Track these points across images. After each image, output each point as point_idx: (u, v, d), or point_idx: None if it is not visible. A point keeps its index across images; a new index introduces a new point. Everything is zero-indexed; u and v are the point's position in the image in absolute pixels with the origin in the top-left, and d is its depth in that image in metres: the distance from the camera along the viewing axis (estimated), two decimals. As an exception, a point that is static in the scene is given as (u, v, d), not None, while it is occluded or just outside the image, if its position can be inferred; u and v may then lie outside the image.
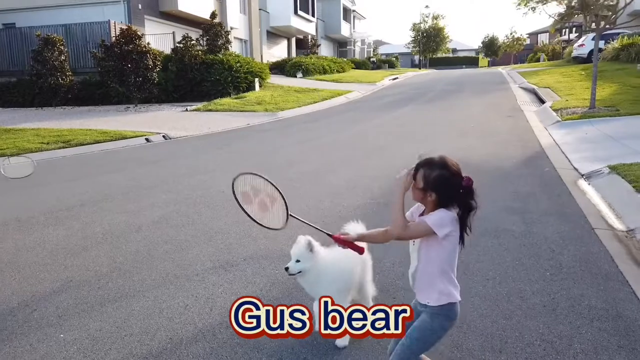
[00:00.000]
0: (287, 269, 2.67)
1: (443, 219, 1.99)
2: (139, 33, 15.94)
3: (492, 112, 13.08)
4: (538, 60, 40.72)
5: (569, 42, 38.66)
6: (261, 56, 30.47)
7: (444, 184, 1.99)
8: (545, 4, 11.27)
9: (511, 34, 53.62)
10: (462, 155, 8.06)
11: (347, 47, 47.26)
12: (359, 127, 11.79)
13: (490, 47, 59.06)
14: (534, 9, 12.24)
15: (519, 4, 12.72)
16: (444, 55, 58.25)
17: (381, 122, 12.34)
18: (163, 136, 11.64)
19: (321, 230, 2.47)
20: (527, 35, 57.57)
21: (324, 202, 5.71)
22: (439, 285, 2.05)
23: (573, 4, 12.25)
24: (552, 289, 3.39)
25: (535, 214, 4.99)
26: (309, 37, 38.80)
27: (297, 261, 2.66)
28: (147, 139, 11.36)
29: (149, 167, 8.43)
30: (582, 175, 6.45)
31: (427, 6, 61.98)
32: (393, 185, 2.11)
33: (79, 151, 10.20)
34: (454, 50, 67.74)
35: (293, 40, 38.24)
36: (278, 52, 35.17)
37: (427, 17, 50.69)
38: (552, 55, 40.28)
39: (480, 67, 56.40)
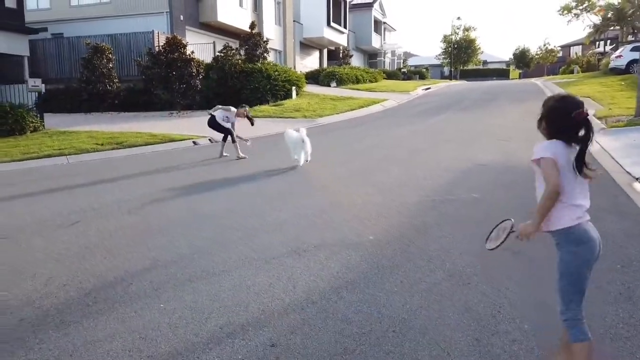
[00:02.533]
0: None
1: (540, 147, 2.13)
2: (183, 42, 16.53)
3: (532, 120, 12.92)
4: (572, 72, 39.95)
5: (604, 54, 37.91)
6: (294, 66, 30.98)
7: (552, 114, 2.15)
8: (589, 11, 11.22)
9: (544, 45, 52.85)
10: (509, 159, 8.13)
11: (377, 59, 47.49)
12: (398, 132, 11.93)
13: (522, 59, 58.30)
14: (577, 15, 12.18)
15: (563, 12, 12.67)
16: (474, 67, 57.83)
17: (420, 128, 12.44)
18: (209, 140, 12.03)
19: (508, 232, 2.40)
20: (559, 48, 56.68)
21: (376, 197, 5.87)
22: (552, 212, 2.16)
23: (609, 15, 12.19)
24: (626, 279, 3.45)
25: (596, 212, 5.02)
26: (340, 48, 39.27)
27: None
28: (194, 142, 11.78)
29: (202, 166, 8.76)
30: (637, 179, 6.43)
31: (459, 17, 61.92)
32: None
33: (132, 152, 10.66)
34: (484, 62, 67.16)
35: (325, 51, 38.74)
36: (310, 62, 35.70)
37: (458, 28, 50.60)
38: (587, 67, 39.53)
39: (511, 78, 55.77)
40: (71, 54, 21.97)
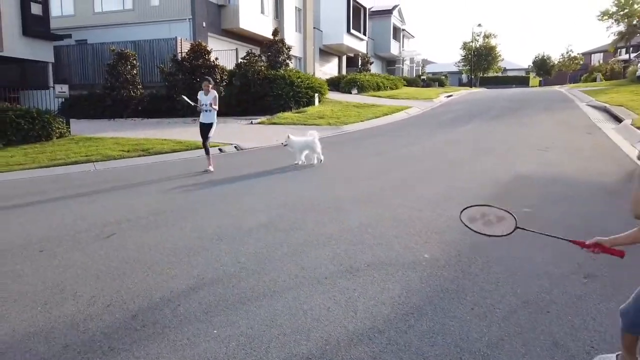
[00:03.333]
0: (282, 144, 8.80)
1: None
2: (208, 48, 16.46)
3: (567, 129, 12.57)
4: (594, 80, 39.17)
5: (628, 61, 37.04)
6: (313, 73, 30.87)
7: None
8: (631, 16, 10.79)
9: (567, 52, 51.97)
10: (552, 170, 7.76)
11: (396, 66, 47.19)
12: (430, 141, 11.60)
13: (542, 67, 57.45)
14: (618, 21, 11.76)
15: (602, 17, 12.26)
16: (494, 74, 57.15)
17: (451, 137, 12.09)
18: (235, 147, 11.86)
19: (562, 239, 2.40)
20: (581, 55, 55.74)
21: (424, 211, 5.56)
22: None
23: (635, 22, 11.76)
24: None
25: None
26: (360, 54, 39.09)
27: (285, 142, 8.65)
28: (220, 149, 11.60)
29: (231, 175, 8.54)
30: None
31: (479, 24, 61.12)
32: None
33: (158, 159, 10.52)
34: (504, 70, 66.45)
35: (344, 58, 38.59)
36: (329, 69, 35.56)
37: (478, 35, 50.03)
38: (610, 75, 38.70)
39: (531, 86, 54.96)
40: (95, 60, 22.17)
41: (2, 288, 3.57)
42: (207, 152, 8.89)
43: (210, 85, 8.79)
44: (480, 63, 50.03)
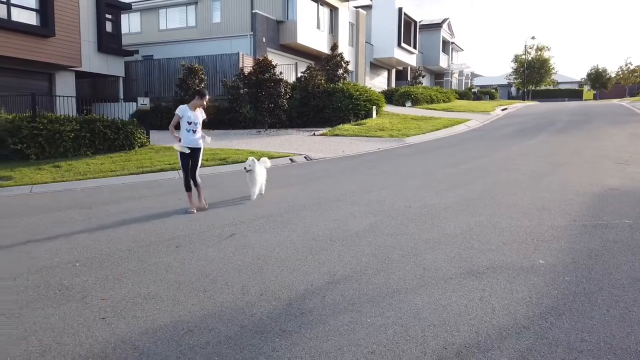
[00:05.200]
0: (245, 169, 7.07)
1: None
2: (273, 63, 17.11)
3: (642, 143, 12.26)
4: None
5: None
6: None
7: None
8: None
9: (626, 65, 50.05)
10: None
11: (444, 79, 46.96)
12: (500, 153, 11.59)
13: (598, 79, 55.51)
14: None
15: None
16: (545, 87, 55.72)
17: (521, 150, 12.04)
18: (305, 157, 12.27)
19: None
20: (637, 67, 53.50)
21: (521, 220, 5.67)
22: None
23: None
24: None
25: None
26: (409, 68, 39.19)
27: (249, 166, 7.02)
28: (291, 159, 12.04)
29: (315, 182, 8.89)
30: None
31: (533, 37, 59.80)
32: None
33: (236, 168, 11.03)
34: (556, 83, 64.66)
35: (393, 72, 38.81)
36: (379, 82, 35.84)
37: (531, 48, 49.04)
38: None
39: (585, 99, 53.17)
40: (160, 74, 23.39)
41: (161, 277, 3.99)
42: (196, 184, 6.74)
43: (203, 100, 6.66)
44: (532, 76, 48.94)
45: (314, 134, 16.35)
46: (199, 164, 6.84)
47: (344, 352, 2.80)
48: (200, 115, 6.66)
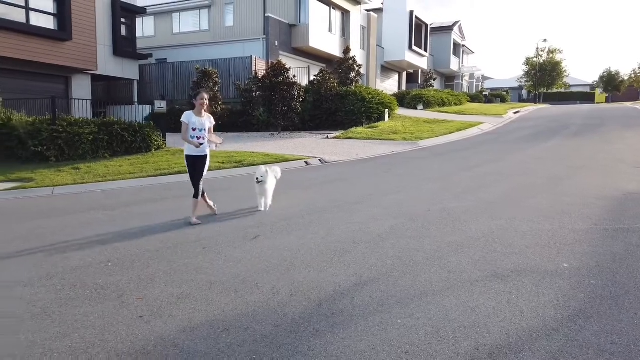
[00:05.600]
0: (257, 179, 6.51)
1: None
2: (287, 67, 17.25)
3: (659, 147, 12.19)
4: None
5: None
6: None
7: None
8: None
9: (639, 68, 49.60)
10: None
11: (455, 82, 46.87)
12: (515, 157, 11.59)
13: (610, 82, 55.05)
14: None
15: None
16: (557, 90, 55.37)
17: (536, 153, 12.02)
18: (319, 160, 12.35)
19: None
20: (653, 69, 52.97)
21: (542, 224, 5.70)
22: None
23: None
24: None
25: None
26: (419, 71, 39.20)
27: (262, 177, 6.52)
28: (306, 162, 12.13)
29: (332, 185, 8.97)
30: None
31: (545, 40, 59.60)
32: None
33: (252, 170, 11.12)
34: (567, 85, 64.24)
35: (404, 74, 38.83)
36: (389, 85, 35.88)
37: (542, 51, 48.80)
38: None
39: (597, 102, 52.73)
40: (174, 77, 23.64)
41: (192, 278, 4.09)
42: (203, 194, 6.51)
43: (205, 101, 6.24)
44: (544, 79, 48.67)
45: (327, 136, 16.44)
46: (205, 172, 6.44)
47: (378, 352, 2.87)
48: (207, 121, 6.24)
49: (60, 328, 3.18)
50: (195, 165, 6.36)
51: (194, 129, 6.15)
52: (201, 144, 6.18)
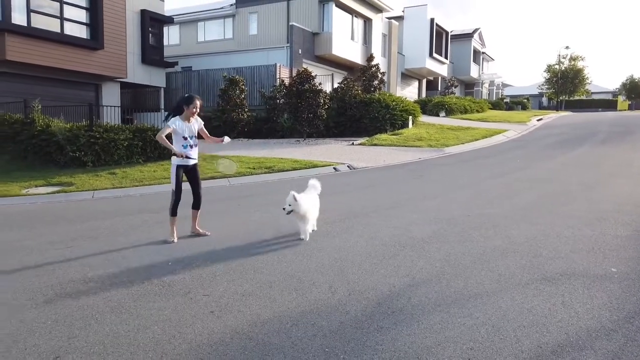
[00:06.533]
0: (284, 210, 5.29)
1: None
2: (313, 74, 17.50)
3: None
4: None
5: None
6: (396, 96, 31.48)
7: None
8: None
9: (663, 74, 48.75)
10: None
11: (475, 89, 46.71)
12: (544, 164, 11.59)
13: (634, 90, 54.21)
14: None
15: None
16: (579, 97, 54.72)
17: (567, 160, 12.00)
18: (348, 166, 12.51)
19: None
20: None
21: (583, 230, 5.76)
22: None
23: None
24: None
25: None
26: (439, 78, 39.22)
27: (289, 205, 5.26)
28: (334, 168, 12.30)
29: (364, 191, 9.11)
30: None
31: (567, 47, 58.97)
32: None
33: (283, 176, 11.38)
34: (589, 93, 63.41)
35: (424, 82, 38.89)
36: (409, 92, 35.96)
37: (564, 58, 48.37)
38: None
39: (619, 110, 51.93)
40: (200, 85, 24.08)
41: (252, 277, 4.27)
42: (199, 206, 6.09)
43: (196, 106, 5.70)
44: (566, 86, 48.18)
45: (353, 143, 16.60)
46: (199, 180, 6.09)
47: (444, 348, 3.00)
48: (195, 124, 5.77)
49: (139, 321, 3.38)
50: (190, 174, 5.96)
51: (185, 138, 5.66)
52: (188, 157, 5.74)
